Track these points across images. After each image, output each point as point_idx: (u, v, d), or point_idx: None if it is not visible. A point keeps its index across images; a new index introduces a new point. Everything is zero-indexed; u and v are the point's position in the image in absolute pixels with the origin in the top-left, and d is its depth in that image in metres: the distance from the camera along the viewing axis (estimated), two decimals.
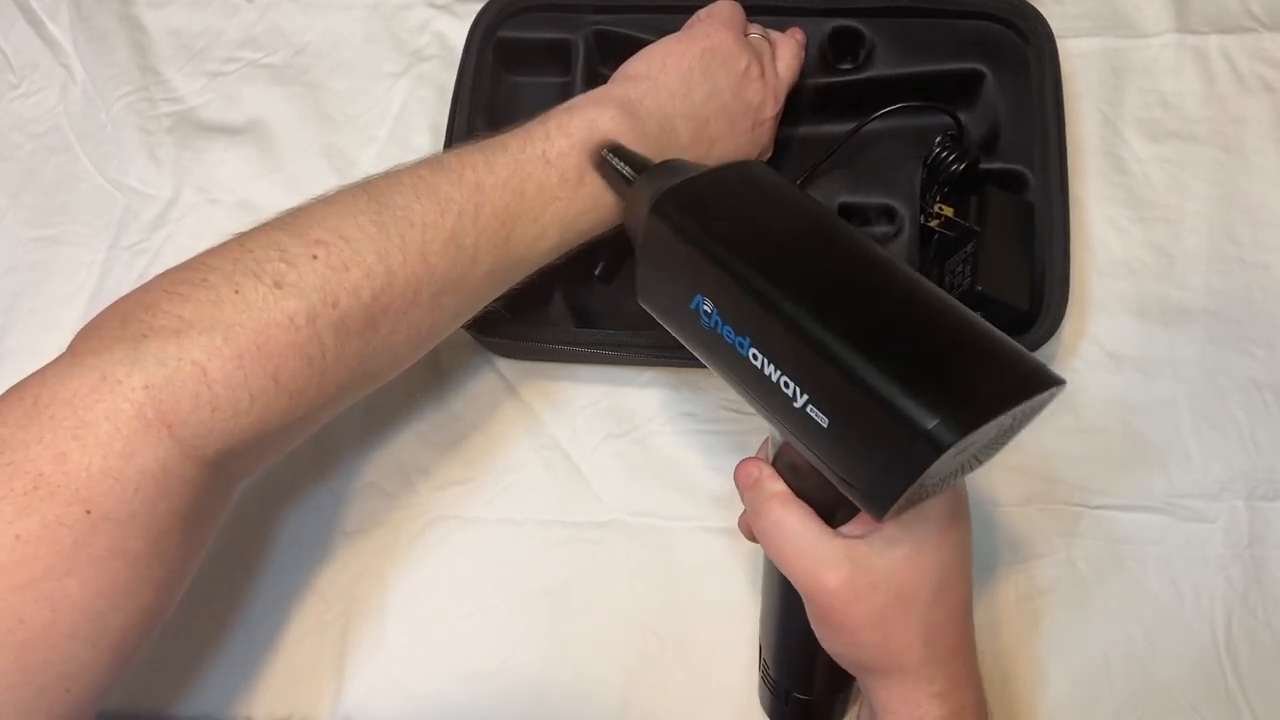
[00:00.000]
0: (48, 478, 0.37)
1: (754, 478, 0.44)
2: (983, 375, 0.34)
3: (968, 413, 0.32)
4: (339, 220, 0.43)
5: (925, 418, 0.32)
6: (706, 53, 0.55)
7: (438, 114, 0.67)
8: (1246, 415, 0.58)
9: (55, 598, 0.37)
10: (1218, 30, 0.68)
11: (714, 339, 0.39)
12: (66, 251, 0.67)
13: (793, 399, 0.36)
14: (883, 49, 0.64)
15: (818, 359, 0.35)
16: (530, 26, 0.66)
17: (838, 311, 0.36)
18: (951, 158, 0.59)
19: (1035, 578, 0.56)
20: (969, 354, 0.35)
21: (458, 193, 0.46)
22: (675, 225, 0.40)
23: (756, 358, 0.37)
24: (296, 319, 0.41)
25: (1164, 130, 0.66)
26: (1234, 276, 0.62)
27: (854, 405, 0.34)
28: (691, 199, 0.41)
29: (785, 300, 0.36)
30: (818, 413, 0.35)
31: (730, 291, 0.38)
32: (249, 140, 0.69)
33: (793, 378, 0.36)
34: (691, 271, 0.39)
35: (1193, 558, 0.56)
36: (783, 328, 0.36)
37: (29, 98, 0.72)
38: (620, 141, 0.48)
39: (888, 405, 0.33)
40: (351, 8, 0.73)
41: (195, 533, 0.41)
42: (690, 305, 0.40)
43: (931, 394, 0.33)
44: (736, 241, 0.39)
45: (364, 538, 0.58)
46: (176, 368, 0.38)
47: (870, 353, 0.34)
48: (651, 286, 0.43)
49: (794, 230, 0.40)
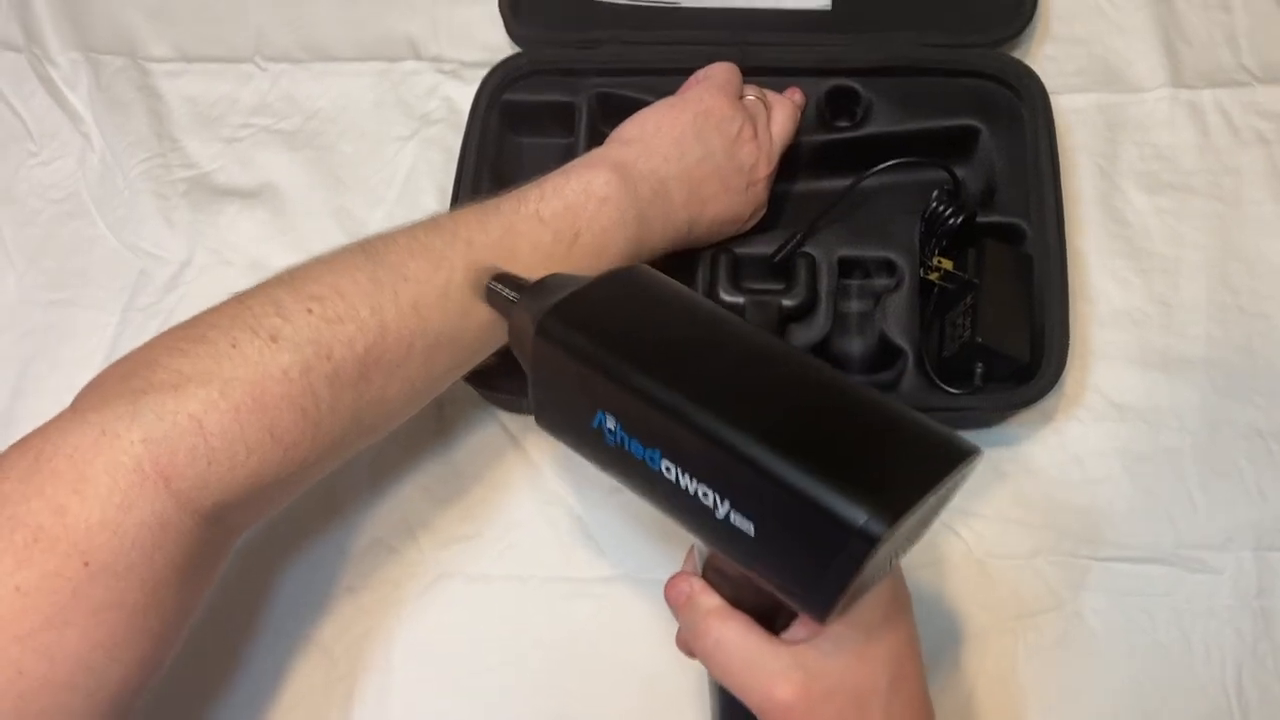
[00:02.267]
0: (48, 530, 0.37)
1: (686, 594, 0.42)
2: (902, 458, 0.34)
3: (895, 500, 0.32)
4: (335, 276, 0.44)
5: (854, 513, 0.31)
6: (699, 116, 0.56)
7: (445, 176, 0.68)
8: (1251, 465, 0.58)
9: (53, 649, 0.37)
10: (1211, 84, 0.69)
11: (622, 456, 0.37)
12: (82, 314, 0.68)
13: (714, 509, 0.35)
14: (879, 107, 0.65)
15: (735, 464, 0.33)
16: (535, 89, 0.68)
17: (748, 411, 0.34)
18: (949, 211, 0.59)
19: (1044, 631, 0.56)
20: (884, 438, 0.34)
21: (450, 250, 0.47)
22: (565, 344, 0.38)
23: (670, 470, 0.36)
24: (291, 371, 0.41)
25: (1160, 182, 0.66)
26: (1234, 326, 0.62)
27: (779, 509, 0.33)
28: (578, 314, 0.39)
29: (692, 406, 0.35)
30: (742, 521, 0.34)
31: (633, 405, 0.36)
32: (261, 203, 0.71)
33: (712, 487, 0.35)
34: (589, 389, 0.37)
35: (1201, 610, 0.55)
36: (694, 435, 0.34)
37: (48, 165, 0.73)
38: (505, 269, 0.45)
39: (814, 504, 0.32)
40: (361, 74, 0.75)
41: (192, 585, 0.42)
42: (592, 425, 0.38)
43: (856, 486, 0.32)
44: (632, 351, 0.37)
45: (369, 594, 0.58)
46: (174, 422, 0.39)
47: (788, 451, 0.33)
48: (549, 409, 0.41)
49: (689, 332, 0.39)
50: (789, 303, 0.59)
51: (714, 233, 0.59)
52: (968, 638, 0.55)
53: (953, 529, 0.58)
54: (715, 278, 0.60)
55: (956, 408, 0.57)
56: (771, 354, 0.38)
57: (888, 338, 0.59)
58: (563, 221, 0.50)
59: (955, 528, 0.58)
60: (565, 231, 0.50)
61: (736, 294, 0.60)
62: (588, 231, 0.50)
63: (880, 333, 0.59)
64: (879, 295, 0.60)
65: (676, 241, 0.57)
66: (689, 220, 0.56)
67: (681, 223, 0.56)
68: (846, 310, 0.61)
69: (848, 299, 0.61)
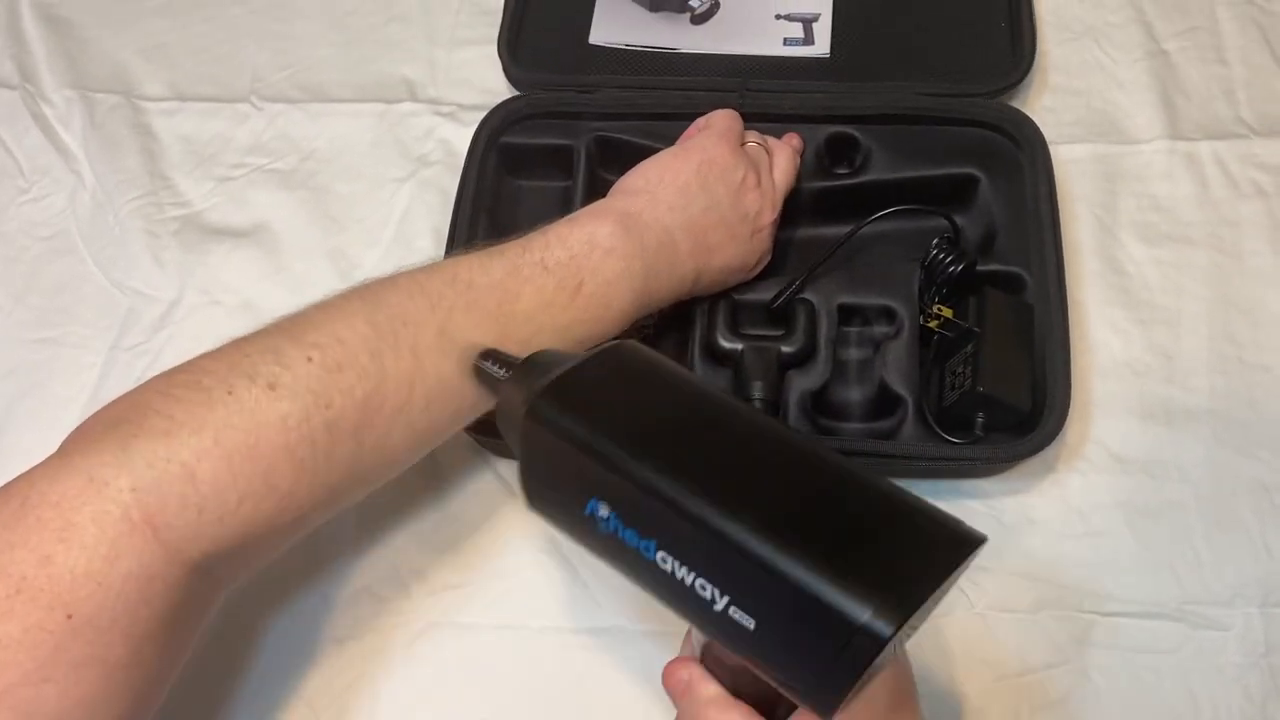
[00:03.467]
0: (31, 581, 0.36)
1: (684, 682, 0.41)
2: (909, 549, 0.32)
3: (903, 597, 0.30)
4: (334, 324, 0.44)
5: (859, 610, 0.30)
6: (703, 166, 0.55)
7: (441, 217, 0.68)
8: (1256, 519, 0.57)
9: (31, 705, 0.36)
10: (1209, 136, 0.69)
11: (615, 544, 0.36)
12: (67, 353, 0.67)
13: (712, 602, 0.33)
14: (879, 154, 0.65)
15: (734, 556, 0.32)
16: (533, 133, 0.67)
17: (747, 501, 0.33)
18: (948, 259, 0.59)
19: (1049, 688, 0.54)
20: (889, 528, 0.33)
21: (450, 290, 0.46)
22: (556, 428, 0.37)
23: (666, 561, 0.34)
24: (289, 420, 0.40)
25: (1159, 234, 0.66)
26: (1235, 378, 0.61)
27: (780, 603, 0.32)
28: (569, 396, 0.37)
29: (690, 496, 0.33)
30: (741, 615, 0.33)
31: (628, 493, 0.35)
32: (254, 243, 0.70)
33: (709, 579, 0.33)
34: (581, 475, 0.36)
35: (1208, 667, 0.54)
36: (691, 526, 0.33)
37: (38, 202, 0.73)
38: (495, 347, 0.44)
39: (817, 600, 0.31)
40: (359, 115, 0.74)
41: (177, 639, 0.40)
42: (584, 511, 0.36)
43: (863, 582, 0.30)
44: (626, 437, 0.36)
45: (355, 645, 0.57)
46: (165, 470, 0.38)
47: (790, 544, 0.32)
48: (538, 492, 0.39)
49: (684, 415, 0.37)
50: (788, 349, 0.59)
51: (720, 282, 0.59)
52: (970, 695, 0.54)
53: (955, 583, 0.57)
54: (714, 324, 0.59)
55: (957, 457, 0.56)
56: (769, 437, 0.37)
57: (887, 385, 0.58)
58: (566, 271, 0.49)
59: (957, 581, 0.57)
60: (569, 280, 0.49)
61: (735, 340, 0.59)
62: (591, 281, 0.50)
63: (880, 380, 0.58)
64: (879, 343, 0.60)
65: (682, 291, 0.56)
66: (696, 270, 0.55)
67: (688, 272, 0.55)
68: (846, 358, 0.61)
69: (847, 346, 0.61)
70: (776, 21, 0.73)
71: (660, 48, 0.72)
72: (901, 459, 0.56)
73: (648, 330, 0.58)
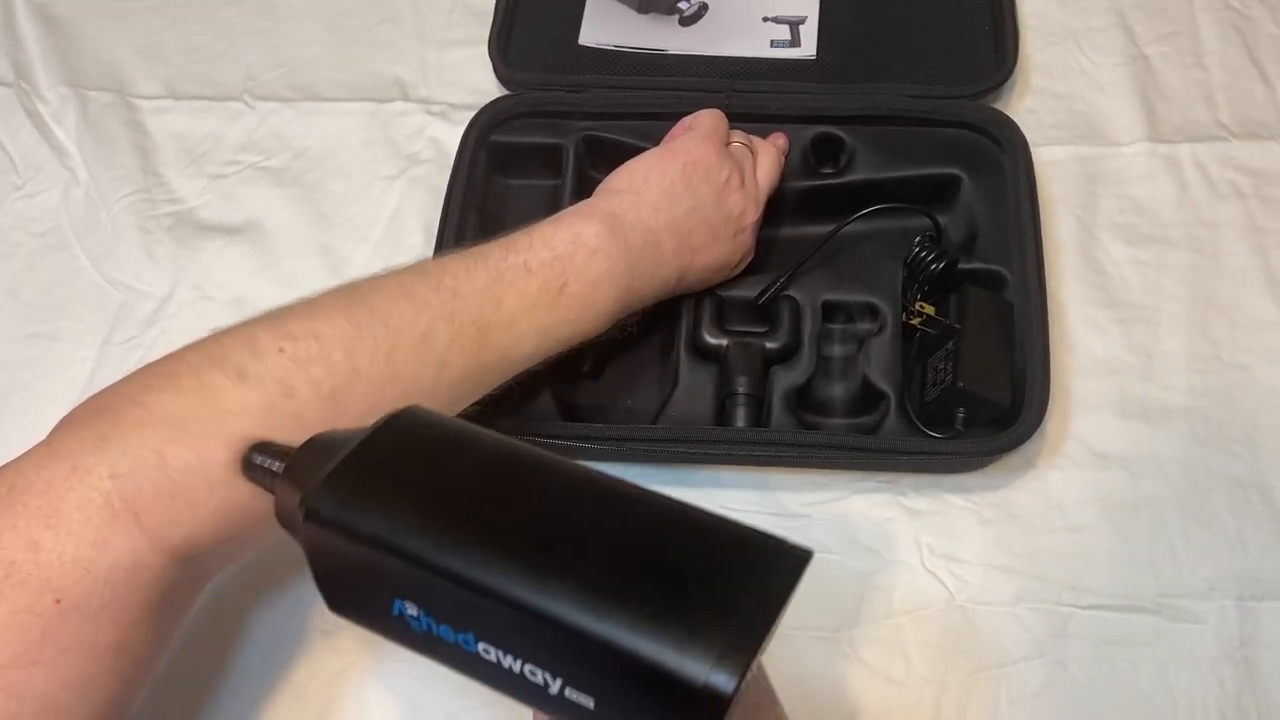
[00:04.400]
0: (20, 565, 0.37)
1: None
2: (738, 587, 0.29)
3: (741, 642, 0.28)
4: (313, 319, 0.44)
5: (697, 668, 0.27)
6: (688, 167, 0.56)
7: (431, 215, 0.68)
8: (1232, 514, 0.58)
9: (20, 687, 0.36)
10: (1188, 139, 0.70)
11: (434, 642, 0.32)
12: (60, 348, 0.68)
13: (546, 686, 0.30)
14: (863, 154, 0.66)
15: (557, 634, 0.29)
16: (522, 132, 0.68)
17: (560, 570, 0.30)
18: (930, 257, 0.60)
19: (1027, 680, 0.55)
20: (714, 568, 0.30)
21: (434, 297, 0.47)
22: (340, 526, 0.32)
23: (489, 651, 0.31)
24: (250, 409, 0.41)
25: (1139, 234, 0.67)
26: (1213, 376, 0.62)
27: (615, 676, 0.29)
28: (350, 485, 0.33)
29: (499, 576, 0.30)
30: (579, 695, 0.30)
31: (432, 586, 0.31)
32: (246, 239, 0.71)
33: (537, 664, 0.30)
34: (380, 575, 0.32)
35: (1184, 659, 0.55)
36: (508, 610, 0.30)
37: (32, 198, 0.73)
38: (267, 439, 0.40)
39: (652, 667, 0.28)
40: (350, 114, 0.75)
41: (163, 625, 0.41)
42: (393, 613, 0.32)
43: (695, 635, 0.28)
44: (419, 523, 0.32)
45: (343, 635, 0.57)
46: (138, 456, 0.39)
47: (611, 610, 0.29)
48: (339, 597, 0.35)
49: (480, 485, 0.33)
50: (772, 345, 0.59)
51: (703, 281, 0.59)
52: (949, 685, 0.55)
53: (935, 575, 0.57)
54: (699, 320, 0.60)
55: (938, 451, 0.57)
56: (573, 490, 0.33)
57: (870, 381, 0.59)
58: (550, 272, 0.50)
59: (937, 574, 0.58)
60: (552, 282, 0.50)
61: (720, 336, 0.60)
62: (576, 282, 0.50)
63: (863, 376, 0.59)
64: (862, 339, 0.60)
65: (666, 291, 0.57)
66: (680, 270, 0.56)
67: (672, 272, 0.56)
68: (829, 354, 0.61)
69: (831, 343, 0.62)
70: (764, 24, 0.74)
71: (649, 49, 0.73)
72: (883, 453, 0.57)
73: (630, 330, 0.58)
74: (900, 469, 0.59)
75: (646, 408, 0.61)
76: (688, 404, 0.59)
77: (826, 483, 0.60)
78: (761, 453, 0.57)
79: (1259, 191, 0.68)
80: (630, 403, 0.63)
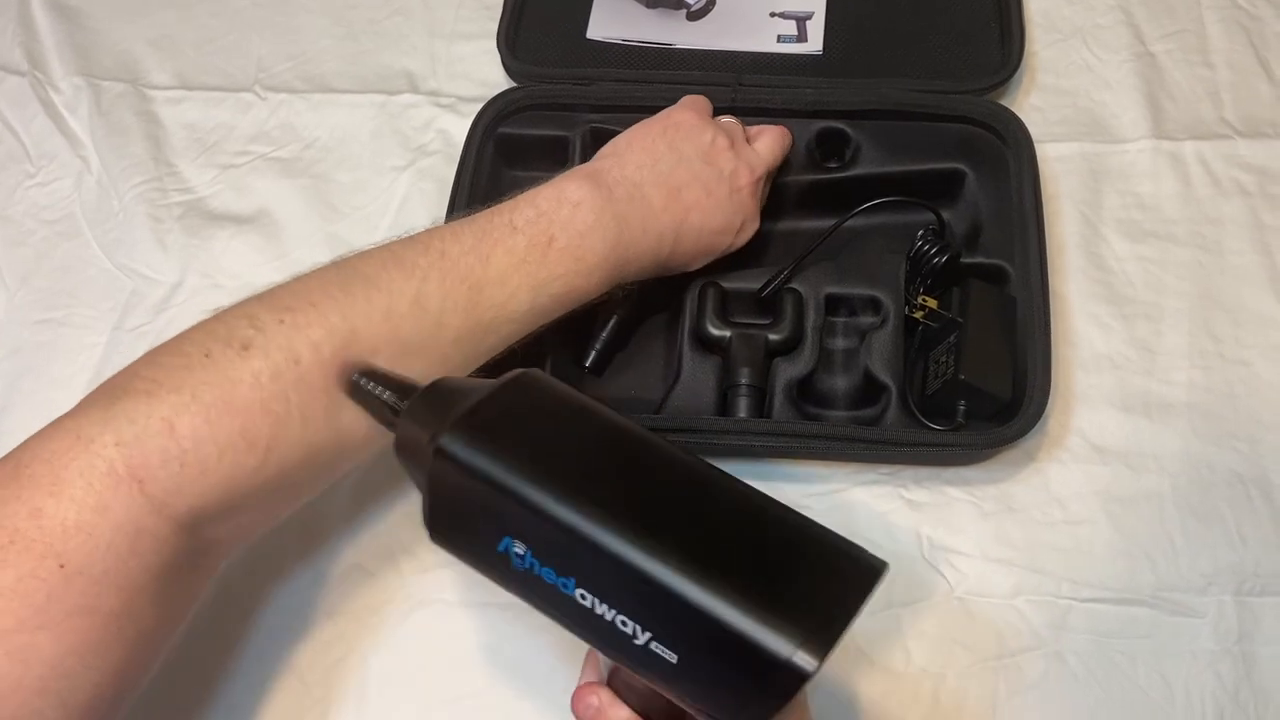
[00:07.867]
0: (24, 533, 0.37)
1: (595, 708, 0.41)
2: (826, 583, 0.32)
3: (825, 630, 0.31)
4: (309, 290, 0.45)
5: (784, 645, 0.30)
6: (669, 128, 0.58)
7: (438, 205, 0.69)
8: (1231, 509, 0.59)
9: (26, 652, 0.37)
10: (1193, 136, 0.70)
11: (532, 581, 0.35)
12: (71, 334, 0.69)
13: (633, 637, 0.33)
14: (868, 149, 0.67)
15: (656, 592, 0.32)
16: (529, 124, 0.69)
17: (667, 536, 0.33)
18: (933, 251, 0.60)
19: (1025, 671, 0.55)
20: (805, 561, 0.33)
21: (423, 259, 0.48)
22: (469, 466, 0.35)
23: (585, 598, 0.34)
24: (260, 376, 0.42)
25: (1143, 230, 0.67)
26: (1215, 372, 0.62)
27: (704, 639, 0.32)
28: (480, 431, 0.36)
29: (609, 532, 0.33)
30: (664, 649, 0.33)
31: (545, 531, 0.34)
32: (255, 228, 0.71)
33: (631, 615, 0.33)
34: (496, 514, 0.35)
35: (1182, 653, 0.55)
36: (611, 563, 0.33)
37: (45, 186, 0.74)
38: (376, 365, 0.43)
39: (741, 637, 0.31)
40: (360, 105, 0.76)
41: (170, 596, 0.42)
42: (499, 549, 0.35)
43: (785, 616, 0.31)
44: (542, 473, 0.35)
45: (347, 619, 0.58)
46: (145, 424, 0.40)
47: (712, 579, 0.32)
48: (446, 528, 0.38)
49: (600, 449, 0.37)
50: (775, 337, 0.60)
51: (704, 246, 0.58)
52: (948, 676, 0.55)
53: (935, 567, 0.58)
54: (703, 311, 0.61)
55: (939, 444, 0.57)
56: (683, 470, 0.36)
57: (872, 374, 0.59)
58: (535, 228, 0.50)
59: (937, 566, 0.58)
60: (539, 237, 0.50)
61: (724, 327, 0.60)
62: (563, 235, 0.51)
63: (865, 369, 0.60)
64: (864, 332, 0.61)
65: (662, 252, 0.56)
66: (674, 227, 0.56)
67: (665, 229, 0.55)
68: (832, 346, 0.62)
69: (834, 335, 0.62)
70: (771, 19, 0.74)
71: (656, 43, 0.74)
72: (885, 445, 0.57)
73: (631, 295, 0.59)
74: (901, 461, 0.60)
75: (649, 398, 0.62)
76: (690, 395, 0.60)
77: (828, 474, 0.60)
78: (763, 443, 0.58)
79: (1263, 189, 0.68)
80: (633, 393, 0.63)
